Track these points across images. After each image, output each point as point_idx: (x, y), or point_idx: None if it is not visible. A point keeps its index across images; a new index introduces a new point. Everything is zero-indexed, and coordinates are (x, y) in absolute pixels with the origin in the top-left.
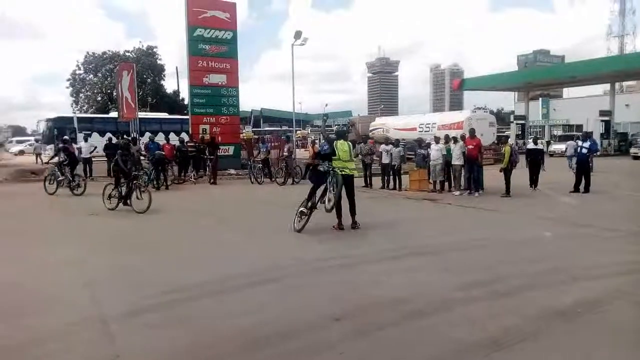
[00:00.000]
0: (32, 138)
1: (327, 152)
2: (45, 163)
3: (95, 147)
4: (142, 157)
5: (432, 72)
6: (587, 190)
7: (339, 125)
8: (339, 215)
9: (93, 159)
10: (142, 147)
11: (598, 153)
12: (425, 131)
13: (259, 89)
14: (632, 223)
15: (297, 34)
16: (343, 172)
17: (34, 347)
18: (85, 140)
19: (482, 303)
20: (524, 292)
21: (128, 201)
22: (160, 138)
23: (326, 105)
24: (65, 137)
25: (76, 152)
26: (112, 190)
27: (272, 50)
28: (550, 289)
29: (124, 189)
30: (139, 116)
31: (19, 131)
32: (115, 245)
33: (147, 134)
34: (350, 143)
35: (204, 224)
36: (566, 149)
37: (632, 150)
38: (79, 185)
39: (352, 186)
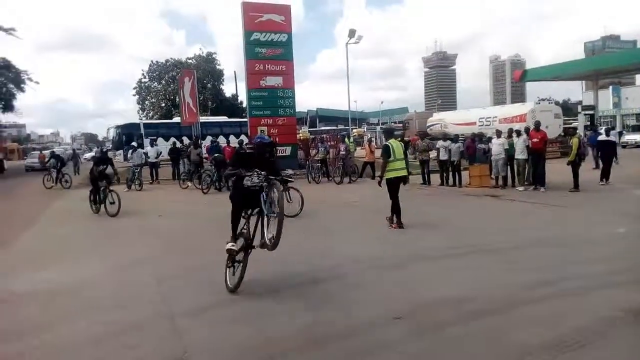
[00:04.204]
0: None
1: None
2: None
3: (161, 152)
4: (204, 160)
5: (492, 64)
6: None
7: (387, 123)
8: (398, 212)
9: (160, 163)
10: (204, 149)
11: None
12: (485, 125)
13: (315, 89)
14: None
15: (351, 33)
16: (399, 175)
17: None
18: (152, 145)
19: (549, 303)
20: (593, 291)
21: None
22: (220, 141)
23: (382, 102)
24: (55, 149)
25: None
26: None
27: (327, 50)
28: (622, 288)
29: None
30: (201, 120)
31: (89, 138)
32: (180, 246)
33: (209, 137)
34: (401, 142)
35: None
36: None
37: None
38: (67, 181)
39: (398, 188)
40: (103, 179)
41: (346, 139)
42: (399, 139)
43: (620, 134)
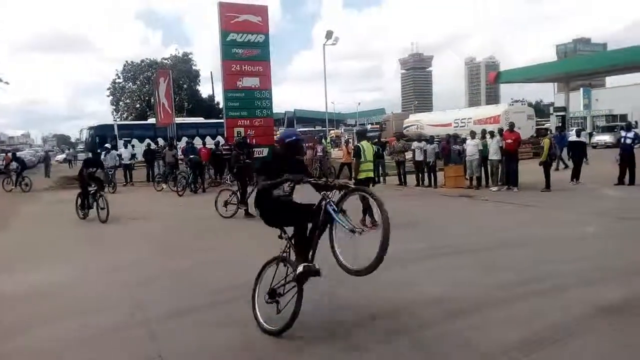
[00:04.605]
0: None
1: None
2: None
3: (135, 154)
4: (179, 161)
5: (467, 66)
6: (632, 182)
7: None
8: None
9: (134, 165)
10: (180, 151)
11: None
12: (460, 126)
13: (293, 90)
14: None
15: (329, 34)
16: (368, 176)
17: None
18: (125, 146)
19: (524, 301)
20: (567, 289)
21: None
22: (197, 142)
23: (359, 103)
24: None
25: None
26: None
27: (305, 51)
28: (595, 286)
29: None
30: (176, 121)
31: (61, 140)
32: (157, 249)
33: (184, 139)
34: (378, 143)
35: (244, 225)
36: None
37: None
38: (27, 184)
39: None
40: (93, 182)
41: (323, 140)
42: (375, 140)
43: (590, 135)
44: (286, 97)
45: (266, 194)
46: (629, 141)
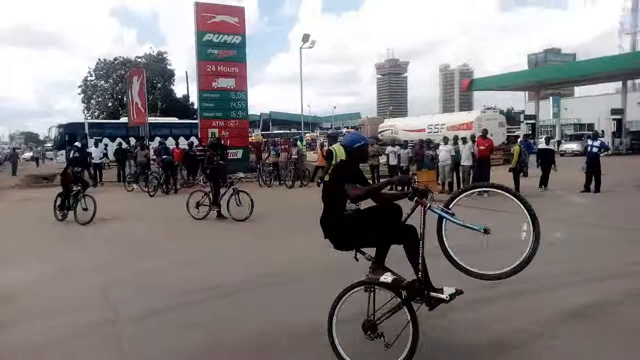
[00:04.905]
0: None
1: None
2: None
3: (106, 153)
4: (151, 162)
5: (442, 73)
6: (597, 189)
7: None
8: None
9: (105, 165)
10: (152, 151)
11: (609, 152)
12: (434, 132)
13: (269, 92)
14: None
15: (305, 37)
16: None
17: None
18: (96, 145)
19: (491, 305)
20: (534, 294)
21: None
22: (170, 143)
23: (335, 107)
24: None
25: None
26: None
27: (281, 53)
28: (561, 290)
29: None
30: (149, 121)
31: (29, 137)
32: (127, 249)
33: (157, 139)
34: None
35: (216, 226)
36: None
37: None
38: None
39: None
40: (78, 182)
41: (299, 143)
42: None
43: (559, 143)
44: (262, 99)
45: (337, 214)
46: (595, 150)
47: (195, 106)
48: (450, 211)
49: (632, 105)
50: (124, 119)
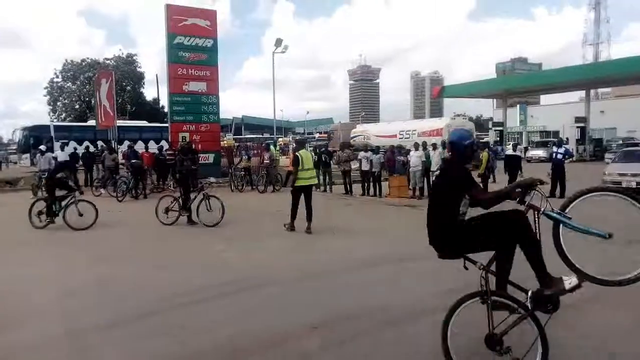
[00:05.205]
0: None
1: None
2: None
3: (77, 157)
4: (120, 166)
5: (413, 80)
6: (562, 195)
7: (301, 134)
8: (294, 217)
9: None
10: (121, 155)
11: (573, 159)
12: (405, 138)
13: (242, 96)
14: (606, 226)
15: (278, 42)
16: (308, 183)
17: None
18: (62, 149)
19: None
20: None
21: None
22: (139, 146)
23: (307, 112)
24: None
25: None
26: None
27: (254, 57)
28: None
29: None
30: (118, 124)
31: None
32: (94, 256)
33: (126, 142)
34: (325, 152)
35: (186, 232)
36: None
37: (607, 156)
38: None
39: (311, 195)
40: (63, 187)
41: (272, 147)
42: (323, 149)
43: (526, 149)
44: (234, 103)
45: (454, 219)
46: (560, 156)
47: (166, 110)
48: (567, 215)
49: (595, 113)
50: (91, 122)
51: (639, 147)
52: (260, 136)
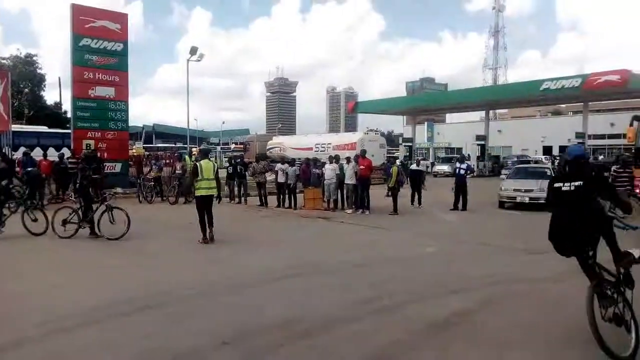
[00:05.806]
0: None
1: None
2: None
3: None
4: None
5: (329, 94)
6: (464, 208)
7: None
8: (204, 230)
9: None
10: (16, 163)
11: (474, 174)
12: (321, 151)
13: (154, 104)
14: (502, 237)
15: (193, 50)
16: (208, 193)
17: None
18: None
19: (368, 319)
20: (407, 306)
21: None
22: (37, 153)
23: (223, 122)
24: None
25: None
26: None
27: (168, 64)
28: (430, 302)
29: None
30: (13, 129)
31: None
32: None
33: (22, 149)
34: (215, 162)
35: (85, 246)
36: None
37: (503, 171)
38: None
39: (211, 204)
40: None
41: (186, 157)
42: (239, 160)
43: (432, 164)
44: (146, 110)
45: (604, 214)
46: (462, 172)
47: (69, 115)
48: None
49: (494, 132)
50: None
51: (530, 164)
52: (173, 145)
